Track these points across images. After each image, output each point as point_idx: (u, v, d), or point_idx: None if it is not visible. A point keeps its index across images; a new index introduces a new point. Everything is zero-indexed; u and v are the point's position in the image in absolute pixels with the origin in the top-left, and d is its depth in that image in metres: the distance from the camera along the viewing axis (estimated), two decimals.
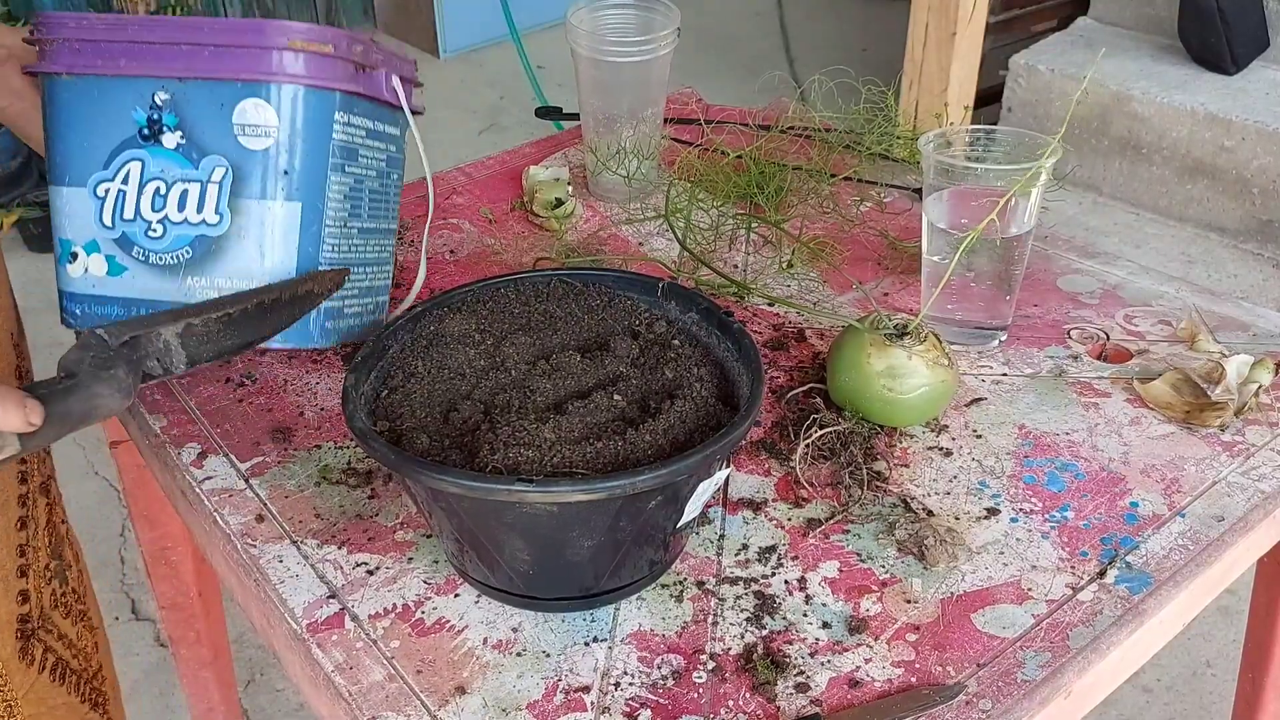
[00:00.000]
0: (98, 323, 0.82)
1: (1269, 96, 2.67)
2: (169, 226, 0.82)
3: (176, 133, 0.80)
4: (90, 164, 0.82)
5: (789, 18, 3.90)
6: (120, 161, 0.81)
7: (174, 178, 0.81)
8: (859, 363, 0.85)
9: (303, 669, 0.73)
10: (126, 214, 0.82)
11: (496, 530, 0.68)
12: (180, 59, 0.79)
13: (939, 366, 0.85)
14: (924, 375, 0.84)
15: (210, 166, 0.80)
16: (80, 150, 0.82)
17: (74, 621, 0.85)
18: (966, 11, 2.48)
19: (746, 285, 1.04)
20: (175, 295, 0.82)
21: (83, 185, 0.82)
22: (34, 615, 0.80)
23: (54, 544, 0.84)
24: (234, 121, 0.79)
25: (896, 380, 0.84)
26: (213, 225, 0.81)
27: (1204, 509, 0.81)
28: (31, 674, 0.80)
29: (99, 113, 0.81)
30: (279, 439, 0.88)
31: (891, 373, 0.84)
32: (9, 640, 0.78)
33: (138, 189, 0.82)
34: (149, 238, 0.82)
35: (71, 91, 0.81)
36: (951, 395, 0.87)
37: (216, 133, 0.80)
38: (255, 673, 1.74)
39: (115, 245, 0.83)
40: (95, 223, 0.83)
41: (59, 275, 0.86)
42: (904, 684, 0.69)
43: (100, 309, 0.84)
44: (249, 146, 0.80)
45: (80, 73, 0.80)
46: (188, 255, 0.82)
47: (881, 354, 0.84)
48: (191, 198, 0.81)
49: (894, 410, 0.85)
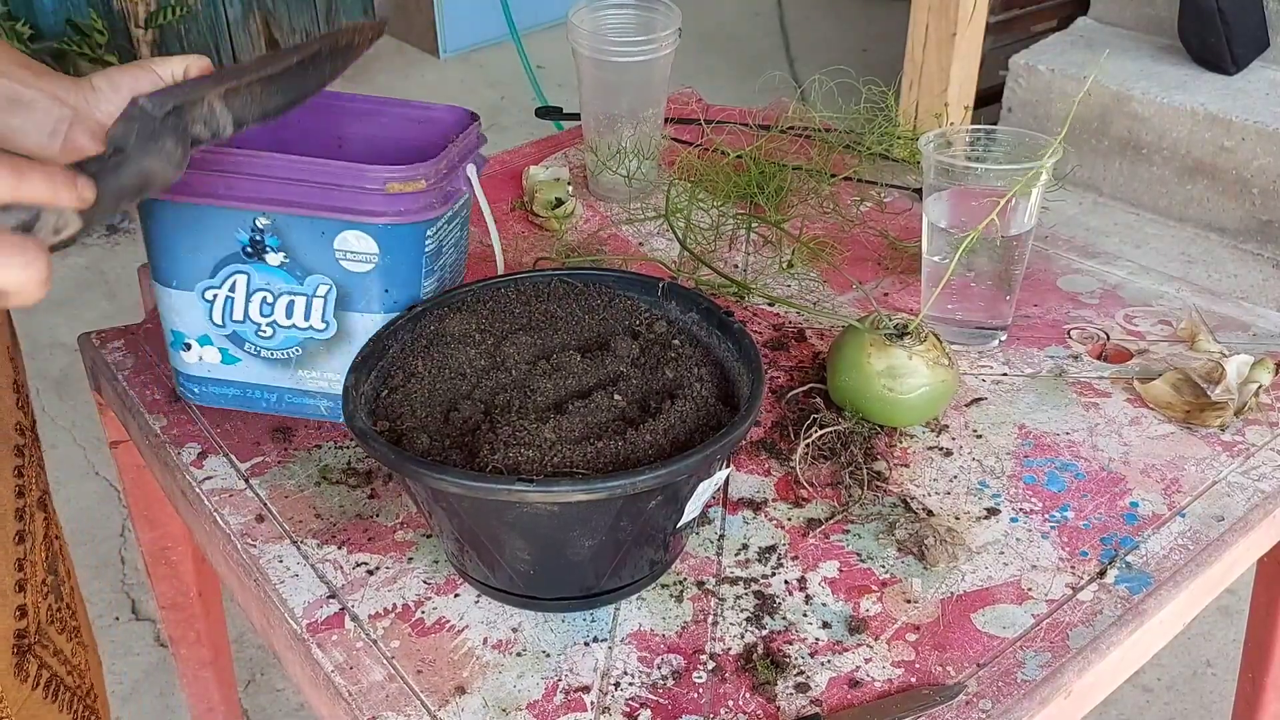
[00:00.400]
0: (216, 401, 0.87)
1: (1269, 96, 2.67)
2: (278, 329, 0.84)
3: (280, 253, 0.81)
4: (196, 273, 0.83)
5: (789, 18, 3.90)
6: (226, 273, 0.83)
7: (280, 290, 0.83)
8: (859, 363, 0.85)
9: (303, 669, 0.73)
10: (236, 315, 0.84)
11: (497, 530, 0.68)
12: (279, 192, 0.79)
13: (939, 366, 0.85)
14: (924, 375, 0.84)
15: (315, 284, 0.82)
16: (185, 262, 0.83)
17: (69, 638, 0.85)
18: (966, 11, 2.48)
19: (747, 285, 1.04)
20: (289, 383, 0.86)
21: (190, 290, 0.84)
22: (30, 630, 0.79)
23: (50, 559, 0.83)
24: (335, 248, 0.81)
25: (897, 380, 0.84)
26: (320, 331, 0.84)
27: (1204, 509, 0.81)
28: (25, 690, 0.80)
29: (201, 231, 0.82)
30: (279, 439, 0.88)
31: (892, 373, 0.84)
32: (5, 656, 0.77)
33: (245, 297, 0.83)
34: (259, 337, 0.85)
35: (170, 212, 0.81)
36: (952, 395, 0.87)
37: (319, 256, 0.81)
38: (255, 673, 1.74)
39: (227, 340, 0.85)
40: (206, 320, 0.85)
41: (173, 357, 0.88)
42: (904, 684, 0.69)
43: (218, 389, 0.88)
44: (351, 269, 0.81)
45: (179, 197, 0.80)
46: (298, 353, 0.85)
47: (882, 354, 0.84)
48: (298, 308, 0.83)
49: (894, 410, 0.85)
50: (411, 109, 0.94)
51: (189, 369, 0.87)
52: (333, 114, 0.95)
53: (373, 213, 0.79)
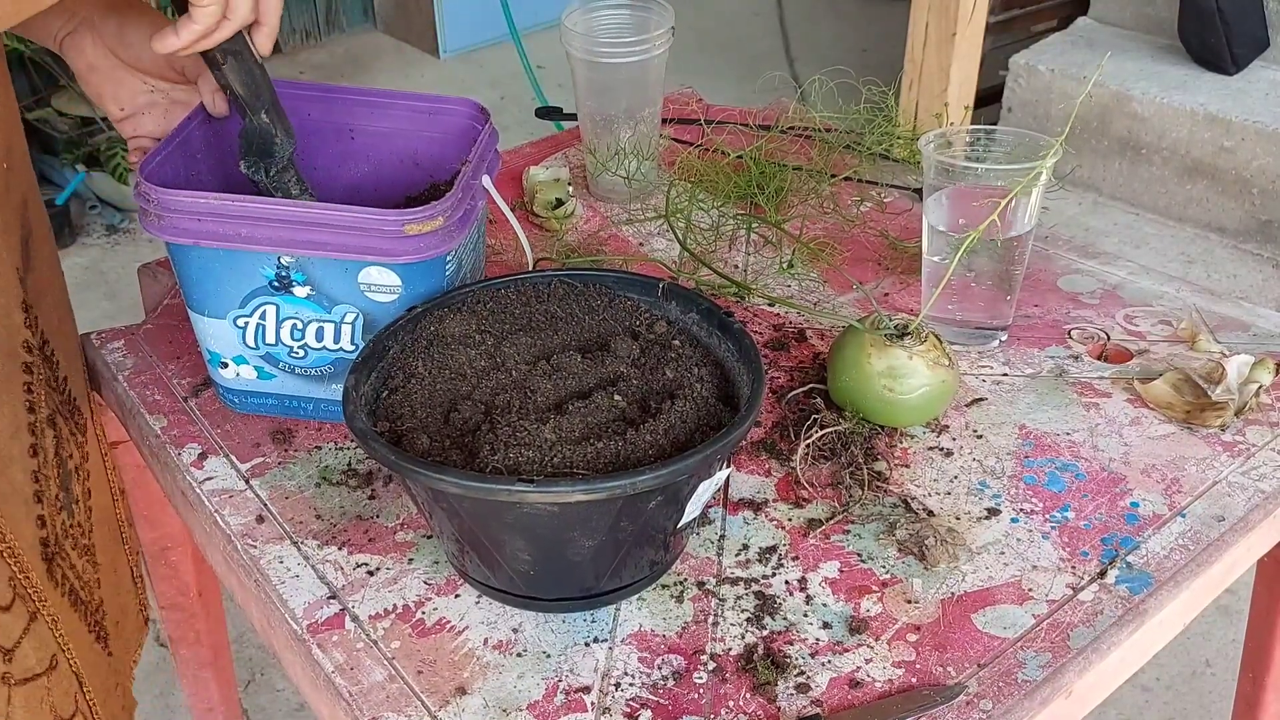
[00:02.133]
0: (259, 410, 0.90)
1: (1269, 96, 2.67)
2: (310, 350, 0.86)
3: (305, 286, 0.83)
4: (226, 304, 0.84)
5: (789, 18, 3.90)
6: (255, 304, 0.84)
7: (308, 318, 0.84)
8: (859, 363, 0.85)
9: (303, 669, 0.73)
10: (268, 339, 0.86)
11: (497, 531, 0.68)
12: (301, 234, 0.80)
13: (939, 367, 0.85)
14: (924, 375, 0.84)
15: (342, 312, 0.84)
16: (214, 294, 0.84)
17: (80, 554, 0.89)
18: (966, 11, 2.47)
19: (747, 285, 1.04)
20: (326, 395, 0.89)
21: (222, 318, 0.85)
22: (51, 540, 0.83)
23: (62, 477, 0.87)
24: (360, 281, 0.82)
25: (897, 380, 0.84)
26: (350, 351, 0.85)
27: (1204, 509, 0.81)
28: (57, 595, 0.84)
29: (227, 269, 0.83)
30: (279, 440, 0.88)
31: (892, 373, 0.84)
32: (36, 560, 0.81)
33: (275, 324, 0.85)
34: (292, 357, 0.86)
35: (195, 252, 0.82)
36: (952, 395, 0.87)
37: (344, 289, 0.82)
38: (255, 673, 1.74)
39: (262, 359, 0.87)
40: (240, 343, 0.86)
41: (212, 372, 0.89)
42: (904, 684, 0.69)
43: (258, 400, 0.90)
44: (376, 299, 0.83)
45: (201, 241, 0.81)
46: (330, 370, 0.87)
47: (882, 354, 0.84)
48: (328, 333, 0.85)
49: (894, 410, 0.85)
50: (422, 101, 0.94)
51: (229, 383, 0.89)
52: (343, 106, 0.96)
53: (393, 251, 0.80)
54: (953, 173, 0.92)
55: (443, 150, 0.95)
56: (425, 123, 0.96)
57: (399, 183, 0.98)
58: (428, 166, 0.97)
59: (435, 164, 0.96)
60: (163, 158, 0.84)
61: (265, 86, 0.84)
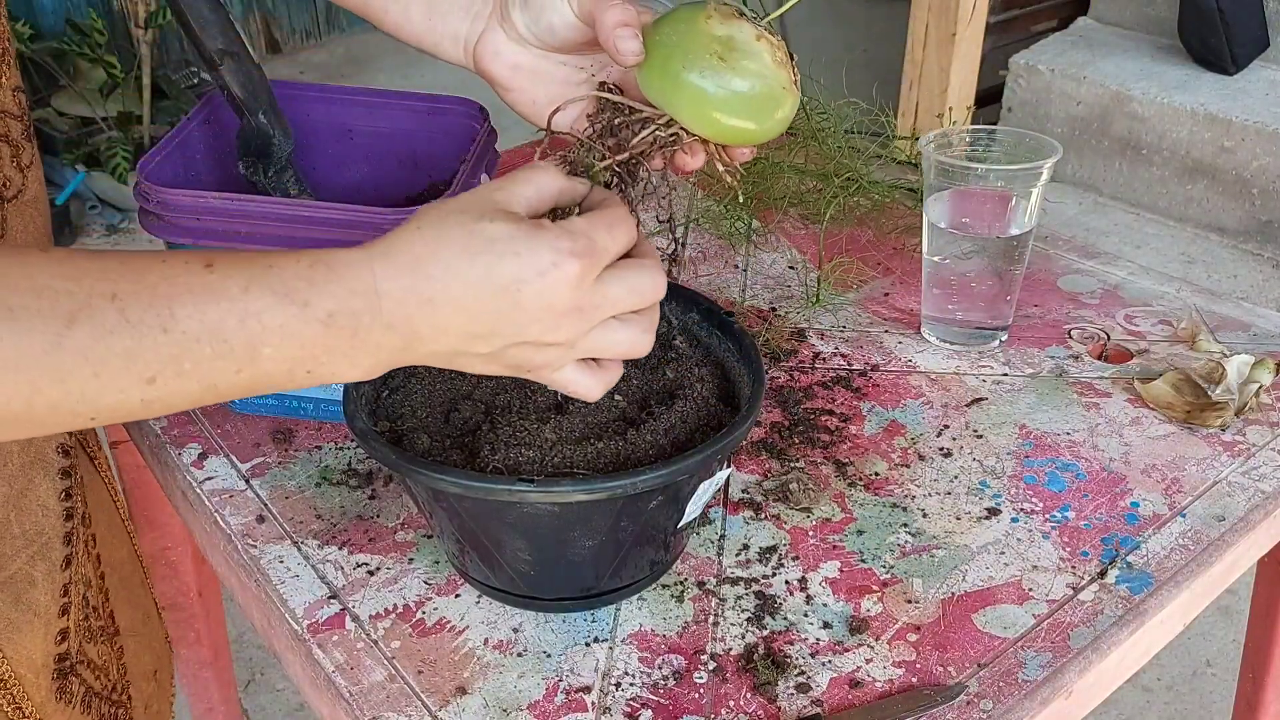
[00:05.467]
0: (259, 410, 0.90)
1: (1269, 96, 2.68)
2: None
3: None
4: None
5: (789, 18, 3.90)
6: None
7: None
8: (693, 20, 0.63)
9: (303, 669, 0.73)
10: None
11: (497, 530, 0.68)
12: (300, 233, 0.80)
13: (783, 69, 0.63)
14: (766, 64, 0.62)
15: None
16: None
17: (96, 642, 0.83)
18: (966, 11, 2.48)
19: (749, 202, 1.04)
20: (325, 394, 0.89)
21: None
22: (72, 651, 0.78)
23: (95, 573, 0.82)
24: None
25: (732, 52, 0.62)
26: None
27: (1204, 509, 0.81)
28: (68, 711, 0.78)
29: None
30: (279, 440, 0.88)
31: (731, 43, 0.62)
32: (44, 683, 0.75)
33: None
34: None
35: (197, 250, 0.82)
36: (785, 120, 0.64)
37: None
38: (255, 673, 1.74)
39: None
40: None
41: None
42: (905, 684, 0.69)
43: (257, 400, 0.90)
44: None
45: (201, 240, 0.81)
46: None
47: (725, 21, 0.62)
48: None
49: (715, 97, 0.62)
50: (421, 101, 0.94)
51: None
52: (343, 106, 0.96)
53: None
54: (953, 173, 0.92)
55: (442, 150, 0.95)
56: (424, 122, 0.96)
57: (398, 182, 0.98)
58: (427, 166, 0.97)
59: (434, 163, 0.96)
60: (163, 157, 0.84)
61: (263, 87, 0.84)
